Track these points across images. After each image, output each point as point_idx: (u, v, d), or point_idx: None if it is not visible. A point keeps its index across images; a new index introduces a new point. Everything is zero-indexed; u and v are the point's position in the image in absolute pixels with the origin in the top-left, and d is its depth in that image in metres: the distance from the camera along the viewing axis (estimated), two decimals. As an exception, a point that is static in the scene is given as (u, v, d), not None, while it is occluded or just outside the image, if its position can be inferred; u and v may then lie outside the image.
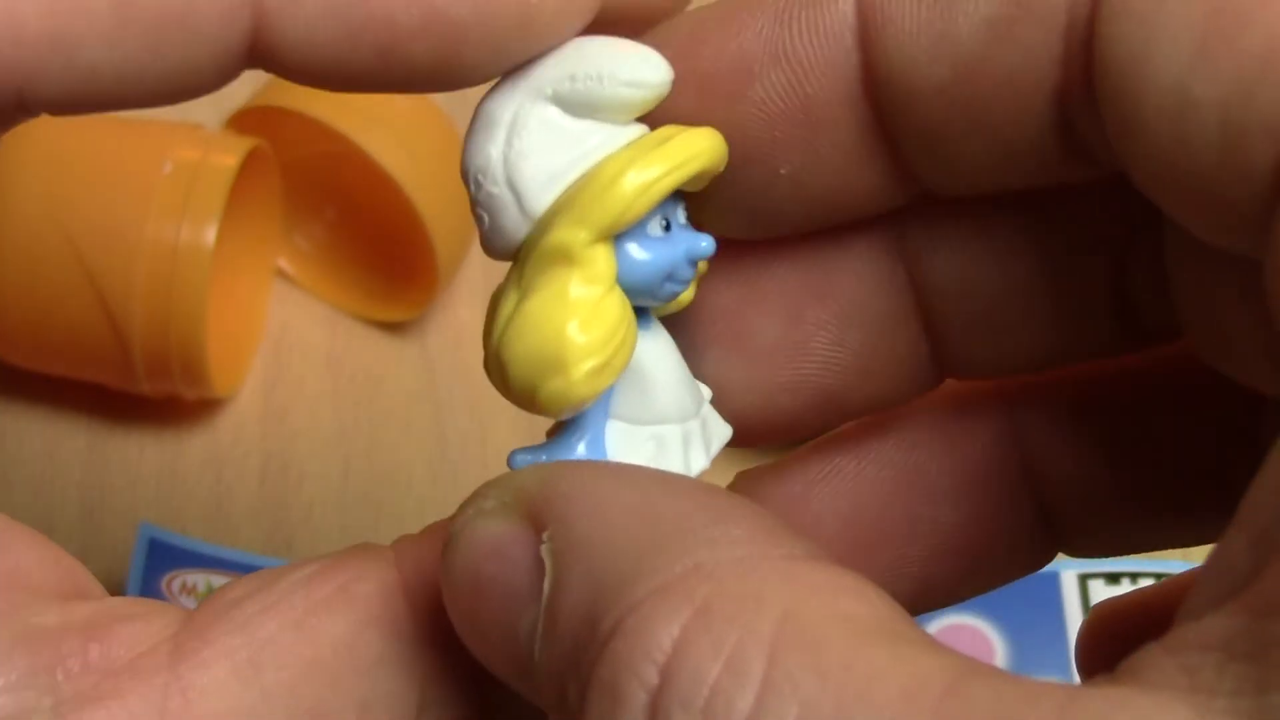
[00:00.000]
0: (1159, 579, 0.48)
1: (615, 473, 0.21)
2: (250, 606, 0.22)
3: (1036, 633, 0.49)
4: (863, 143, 0.23)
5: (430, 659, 0.22)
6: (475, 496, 0.21)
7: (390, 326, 0.57)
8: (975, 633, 0.49)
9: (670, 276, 0.23)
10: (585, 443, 0.23)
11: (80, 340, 0.50)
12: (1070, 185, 0.24)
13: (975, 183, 0.24)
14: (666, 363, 0.24)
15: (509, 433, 0.54)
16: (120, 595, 0.47)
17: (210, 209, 0.49)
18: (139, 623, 0.22)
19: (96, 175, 0.50)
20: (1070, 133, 0.22)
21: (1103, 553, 0.29)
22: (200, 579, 0.47)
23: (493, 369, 0.22)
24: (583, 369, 0.22)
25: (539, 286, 0.22)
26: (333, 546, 0.22)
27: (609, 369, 0.22)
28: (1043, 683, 0.16)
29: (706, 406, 0.25)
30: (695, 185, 0.23)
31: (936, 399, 0.27)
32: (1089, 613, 0.31)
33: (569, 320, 0.22)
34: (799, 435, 0.27)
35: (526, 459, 0.23)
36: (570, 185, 0.22)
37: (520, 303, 0.22)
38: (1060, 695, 0.16)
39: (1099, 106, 0.21)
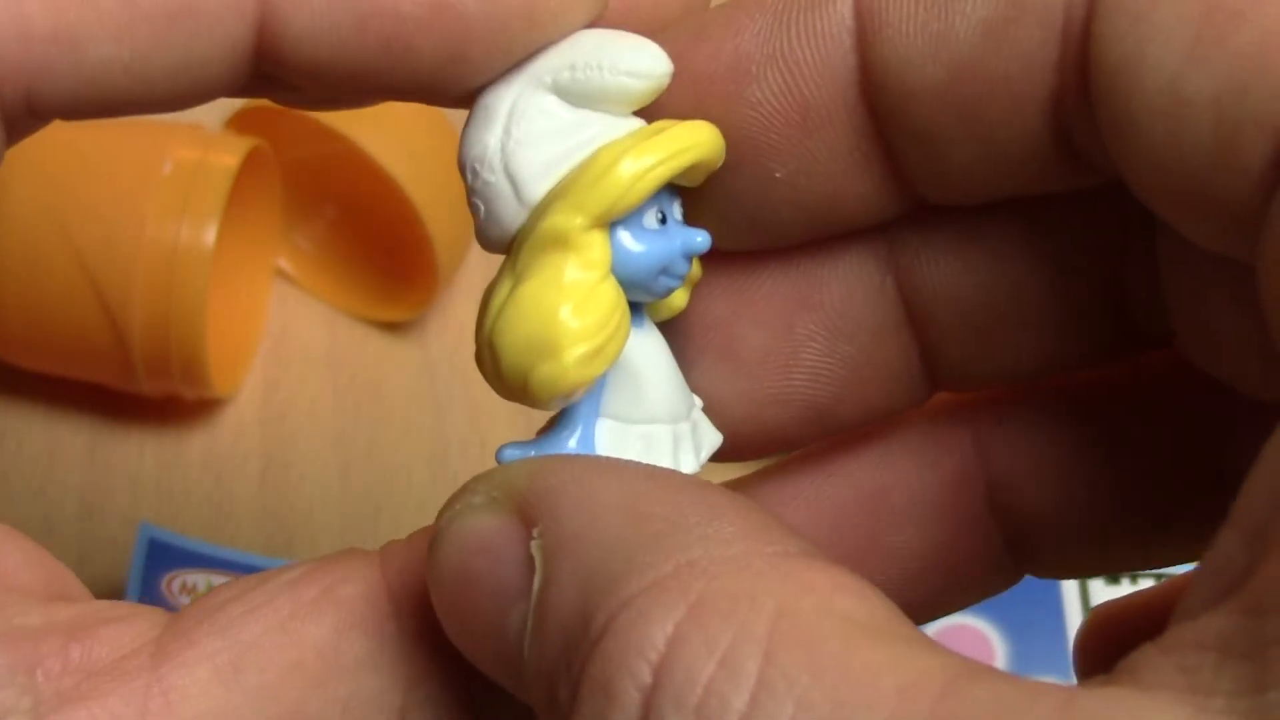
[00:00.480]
0: (1160, 579, 0.48)
1: (606, 468, 0.21)
2: (234, 609, 0.21)
3: (1036, 633, 0.49)
4: (858, 148, 0.23)
5: (414, 661, 0.22)
6: (463, 491, 0.21)
7: (390, 326, 0.57)
8: (975, 633, 0.49)
9: (665, 270, 0.23)
10: (576, 439, 0.23)
11: (80, 340, 0.50)
12: (1063, 192, 0.23)
13: (969, 189, 0.23)
14: (659, 362, 0.24)
15: (508, 432, 0.54)
16: (120, 596, 0.47)
17: (210, 209, 0.49)
18: (122, 624, 0.21)
19: (96, 175, 0.50)
20: (1066, 138, 0.22)
21: (1071, 574, 0.29)
22: (200, 579, 0.47)
23: (485, 358, 0.22)
24: (575, 354, 0.21)
25: (533, 272, 0.22)
26: (333, 546, 0.22)
27: (602, 356, 0.22)
28: (1040, 683, 0.16)
29: (698, 411, 0.25)
30: (692, 180, 0.23)
31: (905, 420, 0.27)
32: (1087, 615, 0.31)
33: (563, 304, 0.22)
34: (789, 447, 0.27)
35: (515, 454, 0.23)
36: (567, 173, 0.22)
37: (514, 288, 0.22)
38: (1058, 695, 0.16)
39: (1094, 107, 0.21)
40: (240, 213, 0.53)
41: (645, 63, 0.23)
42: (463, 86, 0.23)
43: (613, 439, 0.23)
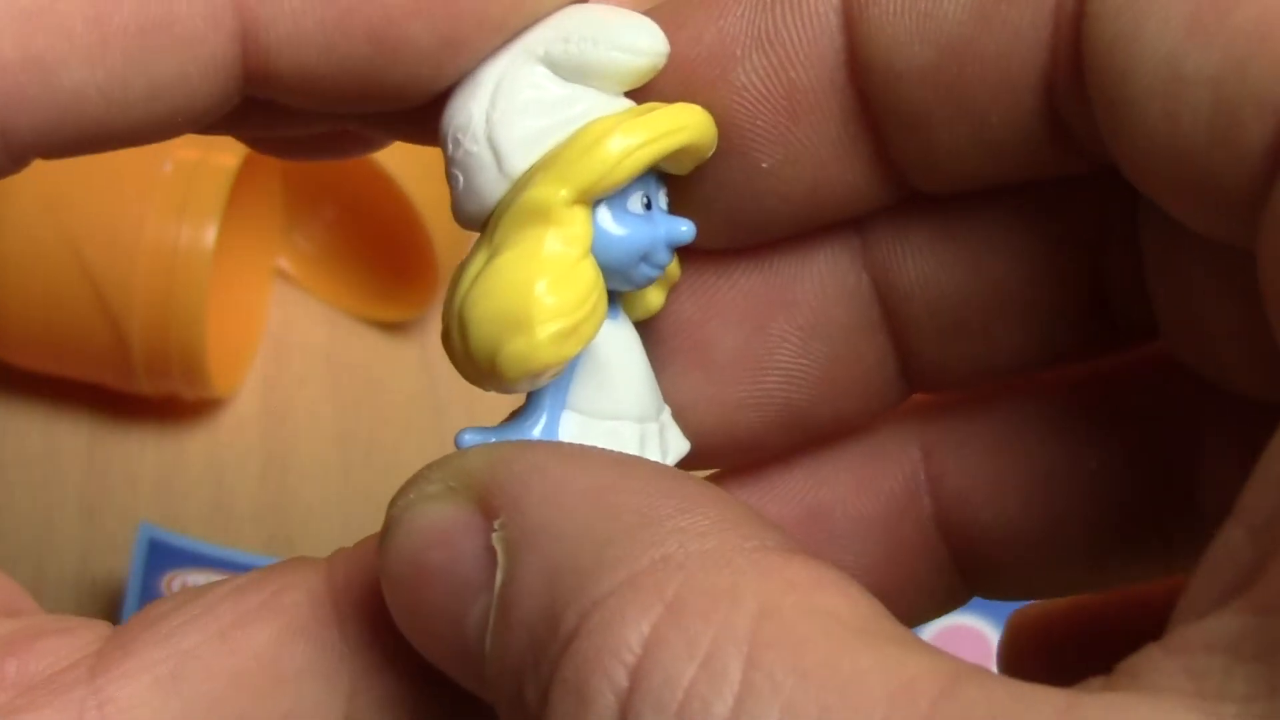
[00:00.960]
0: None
1: (571, 455, 0.20)
2: (176, 618, 0.21)
3: (1036, 633, 0.48)
4: (845, 134, 0.23)
5: (357, 670, 0.21)
6: (416, 479, 0.20)
7: (390, 326, 0.57)
8: (974, 634, 0.49)
9: (646, 258, 0.22)
10: (540, 428, 0.22)
11: (80, 340, 0.50)
12: (1045, 181, 0.23)
13: (959, 175, 0.23)
14: (630, 357, 0.23)
15: (509, 433, 0.54)
16: (121, 596, 0.47)
17: (210, 209, 0.49)
18: (63, 637, 0.21)
19: (96, 175, 0.50)
20: (1058, 120, 0.21)
21: (1023, 596, 0.28)
22: (200, 579, 0.47)
23: (452, 334, 0.21)
24: (548, 330, 0.20)
25: (511, 244, 0.21)
26: (333, 546, 0.22)
27: (576, 336, 0.21)
28: (1038, 687, 0.16)
29: (667, 414, 0.24)
30: (680, 167, 0.23)
31: (846, 436, 0.26)
32: (1006, 626, 0.29)
33: (540, 278, 0.21)
34: (762, 454, 0.26)
35: (476, 439, 0.22)
36: (552, 147, 0.22)
37: (489, 260, 0.21)
38: (1058, 700, 0.15)
39: (1088, 88, 0.20)
40: (240, 213, 0.53)
41: (643, 39, 0.22)
42: (457, 72, 0.22)
43: (577, 432, 0.22)
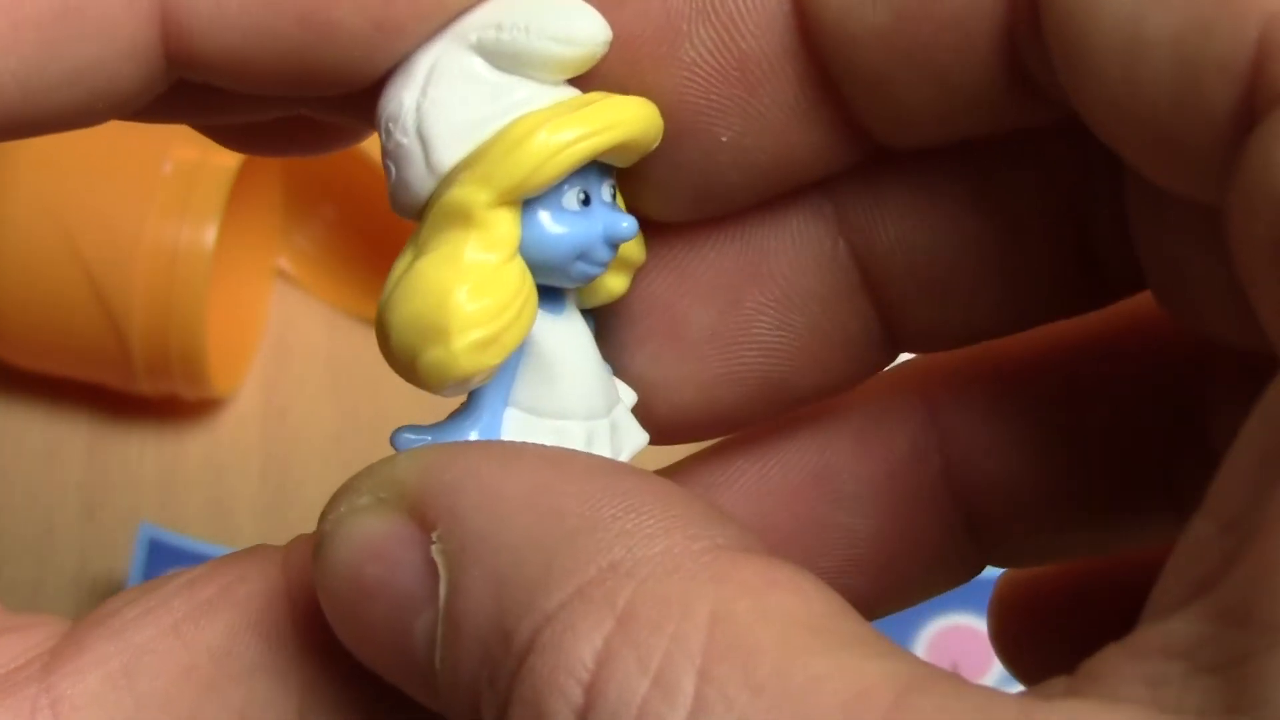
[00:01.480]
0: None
1: (504, 455, 0.19)
2: (130, 612, 0.20)
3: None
4: (804, 98, 0.22)
5: (311, 666, 0.20)
6: (345, 491, 0.20)
7: (390, 326, 0.57)
8: (972, 633, 0.49)
9: (584, 256, 0.21)
10: (479, 429, 0.21)
11: (80, 340, 0.50)
12: (1021, 132, 0.22)
13: (925, 133, 0.22)
14: (576, 353, 0.22)
15: (509, 433, 0.54)
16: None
17: (210, 209, 0.49)
18: (16, 635, 0.20)
19: (96, 175, 0.50)
20: (1022, 73, 0.21)
21: (1034, 562, 0.27)
22: (200, 579, 0.47)
23: (378, 333, 0.21)
24: (466, 340, 0.20)
25: (433, 247, 0.20)
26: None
27: (497, 345, 0.20)
28: (995, 692, 0.15)
29: (621, 409, 0.23)
30: (623, 160, 0.22)
31: (851, 397, 0.26)
32: (995, 591, 0.29)
33: (459, 286, 0.20)
34: (743, 427, 0.25)
35: (414, 439, 0.21)
36: (482, 141, 0.21)
37: (413, 262, 0.20)
38: (1014, 708, 0.15)
39: (1047, 46, 0.20)
40: (240, 213, 0.53)
41: (576, 28, 0.21)
42: (392, 57, 0.21)
43: (520, 431, 0.22)
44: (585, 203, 0.21)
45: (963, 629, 0.49)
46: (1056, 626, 0.28)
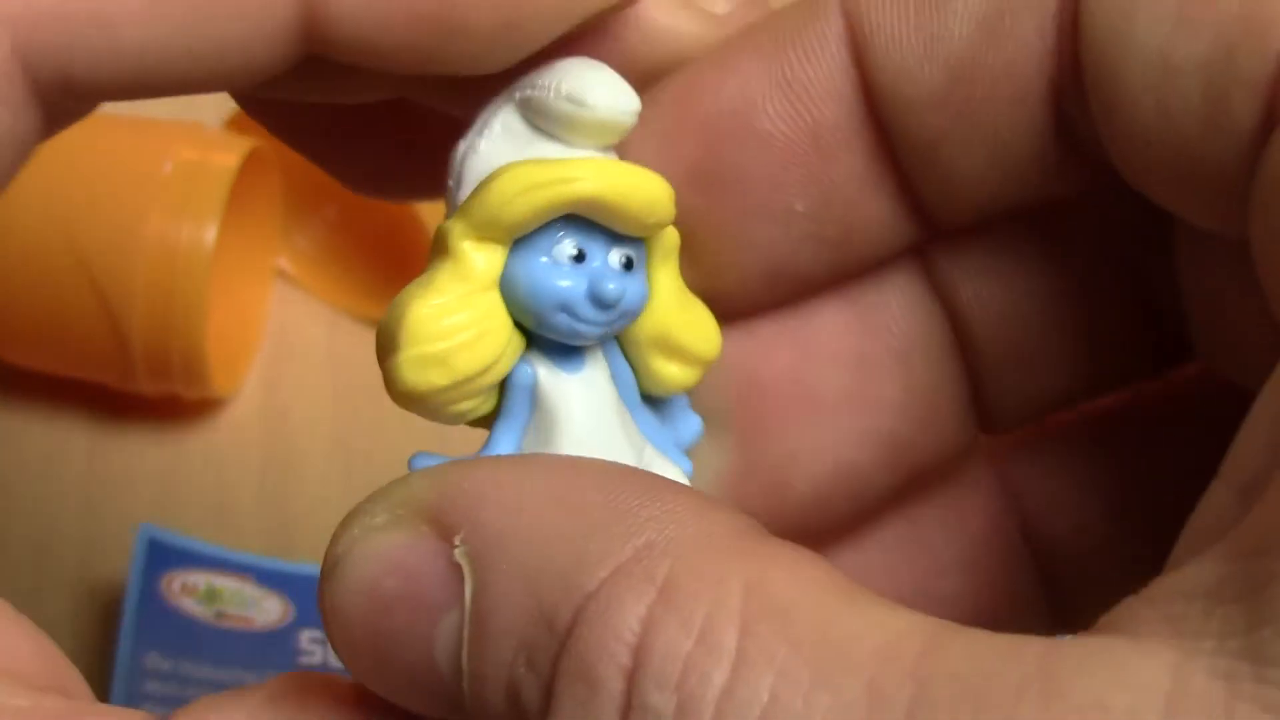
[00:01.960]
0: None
1: (521, 464, 0.20)
2: None
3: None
4: (871, 169, 0.23)
5: None
6: (356, 514, 0.20)
7: (390, 326, 0.57)
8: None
9: (566, 308, 0.21)
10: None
11: (80, 340, 0.50)
12: (1078, 203, 0.23)
13: (978, 200, 0.23)
14: (585, 414, 0.22)
15: (509, 433, 0.54)
16: (120, 596, 0.47)
17: (210, 209, 0.49)
18: None
19: (97, 175, 0.50)
20: (1069, 130, 0.22)
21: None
22: (200, 579, 0.47)
23: None
24: (410, 353, 0.21)
25: (425, 270, 0.22)
26: (333, 547, 0.22)
27: (443, 366, 0.21)
28: (1020, 636, 0.16)
29: (651, 455, 0.23)
30: (616, 223, 0.22)
31: (923, 487, 0.26)
32: None
33: (421, 305, 0.21)
34: (867, 501, 0.25)
35: (429, 463, 0.21)
36: None
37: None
38: (1039, 647, 0.16)
39: (1086, 90, 0.20)
40: (240, 213, 0.53)
41: (592, 93, 0.21)
42: (516, 55, 0.22)
43: None
44: (579, 259, 0.21)
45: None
46: None
